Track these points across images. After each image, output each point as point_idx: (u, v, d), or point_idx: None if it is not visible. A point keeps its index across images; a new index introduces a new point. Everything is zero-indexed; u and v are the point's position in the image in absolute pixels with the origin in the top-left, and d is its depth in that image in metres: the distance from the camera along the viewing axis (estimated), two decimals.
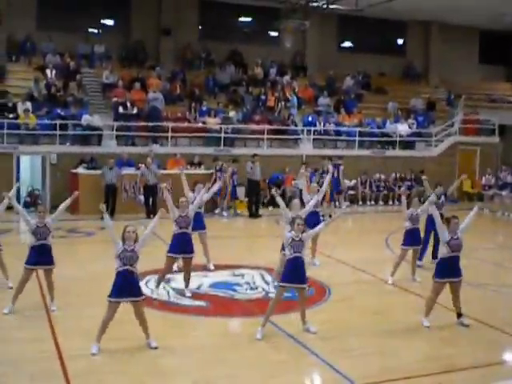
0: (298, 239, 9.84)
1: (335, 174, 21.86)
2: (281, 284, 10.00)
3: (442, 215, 12.67)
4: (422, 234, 13.94)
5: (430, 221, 13.94)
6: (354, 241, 19.08)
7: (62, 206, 10.93)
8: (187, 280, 11.98)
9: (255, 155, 22.65)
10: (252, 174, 22.34)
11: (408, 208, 13.32)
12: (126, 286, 8.94)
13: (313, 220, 12.97)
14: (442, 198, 14.75)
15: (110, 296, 8.96)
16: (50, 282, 10.86)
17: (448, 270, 10.30)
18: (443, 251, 10.32)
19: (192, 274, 12.53)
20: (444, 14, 31.08)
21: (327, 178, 16.27)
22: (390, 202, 26.16)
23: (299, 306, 10.19)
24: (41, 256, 10.64)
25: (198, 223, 13.29)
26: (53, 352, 8.92)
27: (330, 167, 21.92)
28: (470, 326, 10.52)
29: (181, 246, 11.69)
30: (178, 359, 9.00)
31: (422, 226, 13.79)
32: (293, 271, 9.84)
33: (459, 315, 10.64)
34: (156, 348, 9.10)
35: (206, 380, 8.26)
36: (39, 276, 11.29)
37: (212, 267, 14.02)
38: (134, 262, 8.98)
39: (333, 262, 15.24)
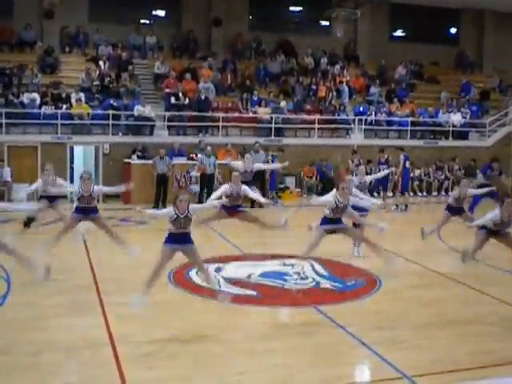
0: (342, 205, 10.04)
1: (407, 165, 21.86)
2: (322, 227, 10.57)
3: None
4: None
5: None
6: (405, 232, 18.88)
7: (109, 189, 11.78)
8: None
9: (257, 143, 22.29)
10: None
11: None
12: (179, 239, 9.44)
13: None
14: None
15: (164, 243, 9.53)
16: (106, 227, 12.13)
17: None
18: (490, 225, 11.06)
19: (242, 263, 12.64)
20: (498, 2, 30.44)
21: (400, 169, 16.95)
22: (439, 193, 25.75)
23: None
24: (86, 211, 11.85)
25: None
26: (104, 338, 9.03)
27: (402, 157, 22.01)
28: None
29: None
30: (227, 348, 9.04)
31: None
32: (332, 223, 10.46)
33: None
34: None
35: (255, 369, 8.27)
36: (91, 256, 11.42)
37: None
38: (187, 226, 9.41)
39: (384, 252, 15.09)
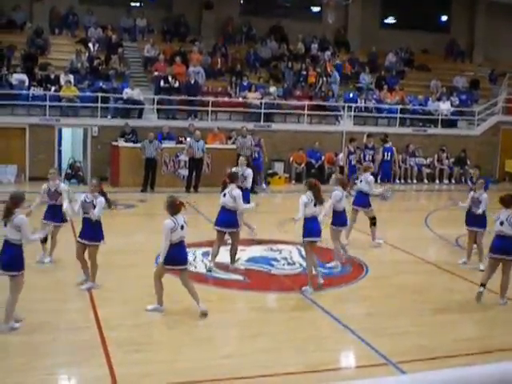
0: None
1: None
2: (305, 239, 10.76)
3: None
4: None
5: None
6: (392, 219, 18.93)
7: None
8: (233, 255, 12.10)
9: (244, 128, 21.95)
10: (240, 149, 21.35)
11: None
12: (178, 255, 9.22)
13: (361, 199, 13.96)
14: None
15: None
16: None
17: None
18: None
19: (229, 247, 12.65)
20: None
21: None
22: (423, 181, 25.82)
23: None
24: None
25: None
26: (92, 322, 9.04)
27: (383, 146, 21.83)
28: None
29: (225, 220, 11.67)
30: (214, 332, 9.07)
31: None
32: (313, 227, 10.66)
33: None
34: (205, 314, 9.26)
35: (241, 353, 8.31)
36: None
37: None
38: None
39: (371, 239, 15.13)
